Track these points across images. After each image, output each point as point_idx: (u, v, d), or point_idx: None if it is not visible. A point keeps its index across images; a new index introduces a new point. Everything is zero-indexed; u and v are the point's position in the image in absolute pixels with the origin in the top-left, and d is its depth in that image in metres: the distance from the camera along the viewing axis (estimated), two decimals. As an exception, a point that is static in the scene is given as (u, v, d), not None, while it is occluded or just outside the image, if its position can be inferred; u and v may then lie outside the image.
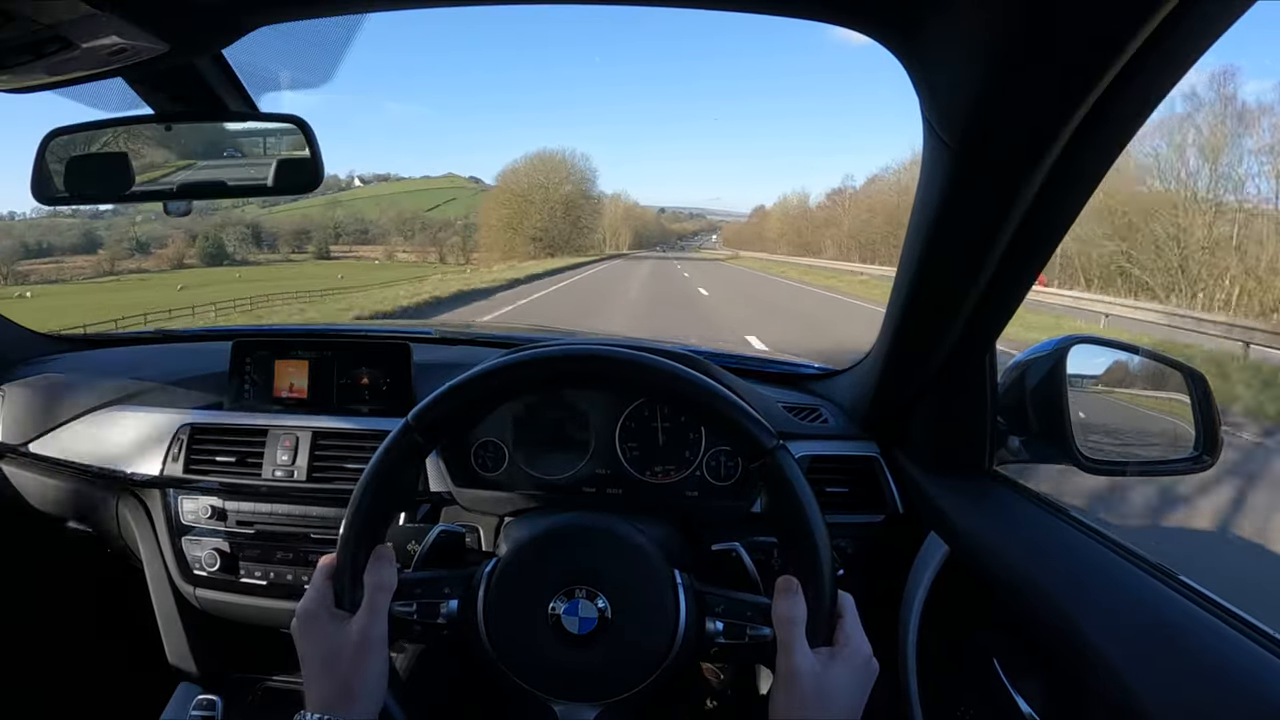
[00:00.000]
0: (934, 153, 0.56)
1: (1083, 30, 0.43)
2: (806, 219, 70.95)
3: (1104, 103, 0.47)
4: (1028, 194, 0.55)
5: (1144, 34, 0.41)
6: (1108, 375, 0.82)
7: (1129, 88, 0.46)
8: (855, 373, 0.97)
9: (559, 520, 0.57)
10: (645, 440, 0.90)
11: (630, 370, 0.55)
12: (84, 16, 0.57)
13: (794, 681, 0.49)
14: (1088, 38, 0.43)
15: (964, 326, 0.70)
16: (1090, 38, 0.43)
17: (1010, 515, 0.75)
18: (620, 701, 0.52)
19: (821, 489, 0.88)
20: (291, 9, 0.60)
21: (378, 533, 0.54)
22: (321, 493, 0.93)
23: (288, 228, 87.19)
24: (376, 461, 0.54)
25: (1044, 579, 0.63)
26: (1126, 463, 0.80)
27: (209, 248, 73.55)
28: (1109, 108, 0.47)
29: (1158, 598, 0.57)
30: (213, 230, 73.22)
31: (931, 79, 0.51)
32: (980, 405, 0.79)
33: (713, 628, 0.53)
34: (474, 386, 0.55)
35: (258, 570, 0.94)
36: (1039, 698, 0.65)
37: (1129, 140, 0.52)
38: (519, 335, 1.24)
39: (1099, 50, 0.43)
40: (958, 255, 0.63)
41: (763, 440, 0.53)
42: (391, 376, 0.98)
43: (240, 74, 0.76)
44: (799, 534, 0.53)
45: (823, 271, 30.08)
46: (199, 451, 0.96)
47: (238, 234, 75.34)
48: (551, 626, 0.52)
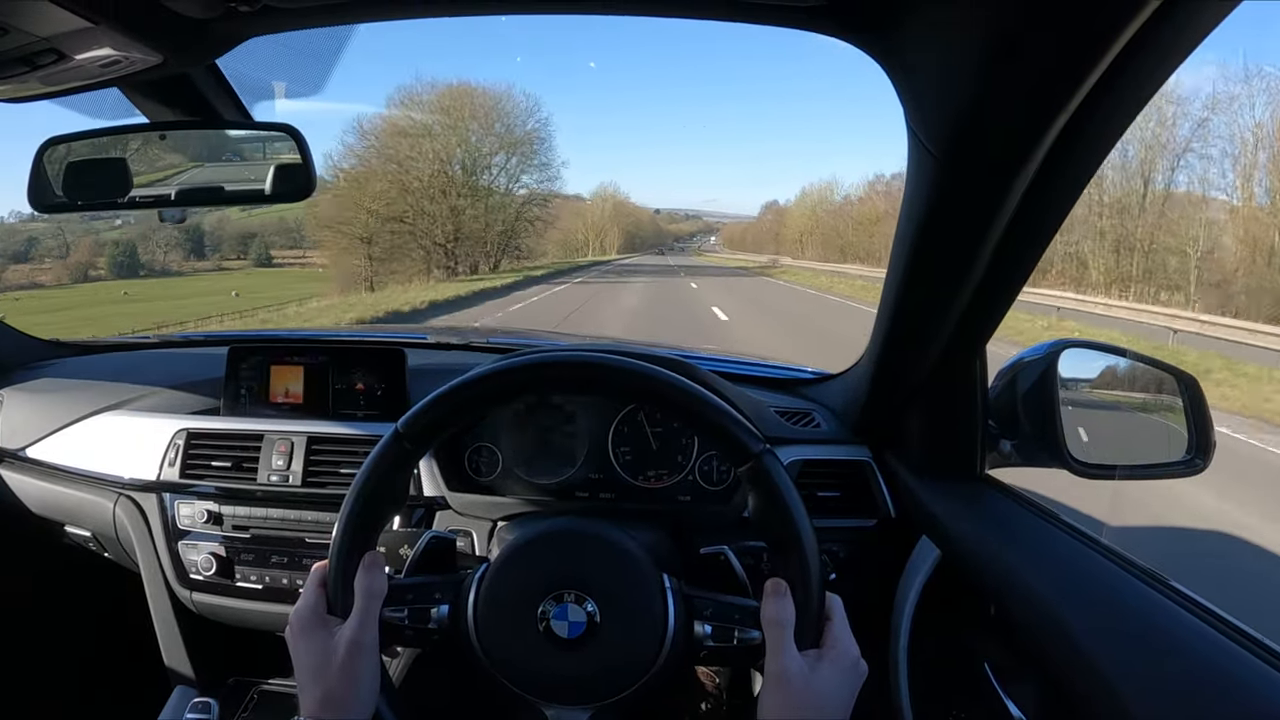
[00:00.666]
0: (919, 160, 0.56)
1: (1063, 37, 0.43)
2: (843, 215, 51.45)
3: (1087, 108, 0.47)
4: (1013, 200, 0.55)
5: (1124, 39, 0.42)
6: (1099, 379, 0.82)
7: (1111, 93, 0.46)
8: (847, 377, 0.97)
9: (547, 526, 0.57)
10: (638, 445, 0.90)
11: (618, 376, 0.55)
12: (79, 29, 0.57)
13: (782, 683, 0.49)
14: (1068, 44, 0.43)
15: (954, 331, 0.71)
16: (1070, 44, 0.43)
17: (1001, 520, 0.75)
18: (611, 705, 0.52)
19: (814, 493, 0.88)
20: (283, 20, 0.60)
21: (369, 539, 0.54)
22: (316, 497, 0.93)
23: (235, 231, 72.93)
24: (367, 469, 0.54)
25: (1035, 583, 0.63)
26: (1118, 466, 0.80)
27: (119, 255, 58.14)
28: (1092, 113, 0.48)
29: (1147, 603, 0.57)
30: (127, 238, 57.79)
31: (914, 87, 0.51)
32: (971, 409, 0.79)
33: (701, 631, 0.53)
34: (463, 393, 0.55)
35: (253, 574, 0.95)
36: (1029, 701, 0.65)
37: (1114, 144, 0.53)
38: (513, 340, 1.25)
39: (1079, 56, 0.43)
40: (945, 261, 0.64)
41: (749, 445, 0.54)
42: (386, 382, 0.99)
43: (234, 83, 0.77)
44: (786, 537, 0.53)
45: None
46: (195, 456, 0.97)
47: (168, 239, 58.96)
48: (541, 631, 0.52)
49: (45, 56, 0.62)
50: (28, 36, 0.58)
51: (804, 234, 57.06)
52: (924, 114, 0.53)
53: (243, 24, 0.62)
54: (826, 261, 38.15)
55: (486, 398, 0.57)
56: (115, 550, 1.04)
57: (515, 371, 0.56)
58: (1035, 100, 0.47)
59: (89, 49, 0.62)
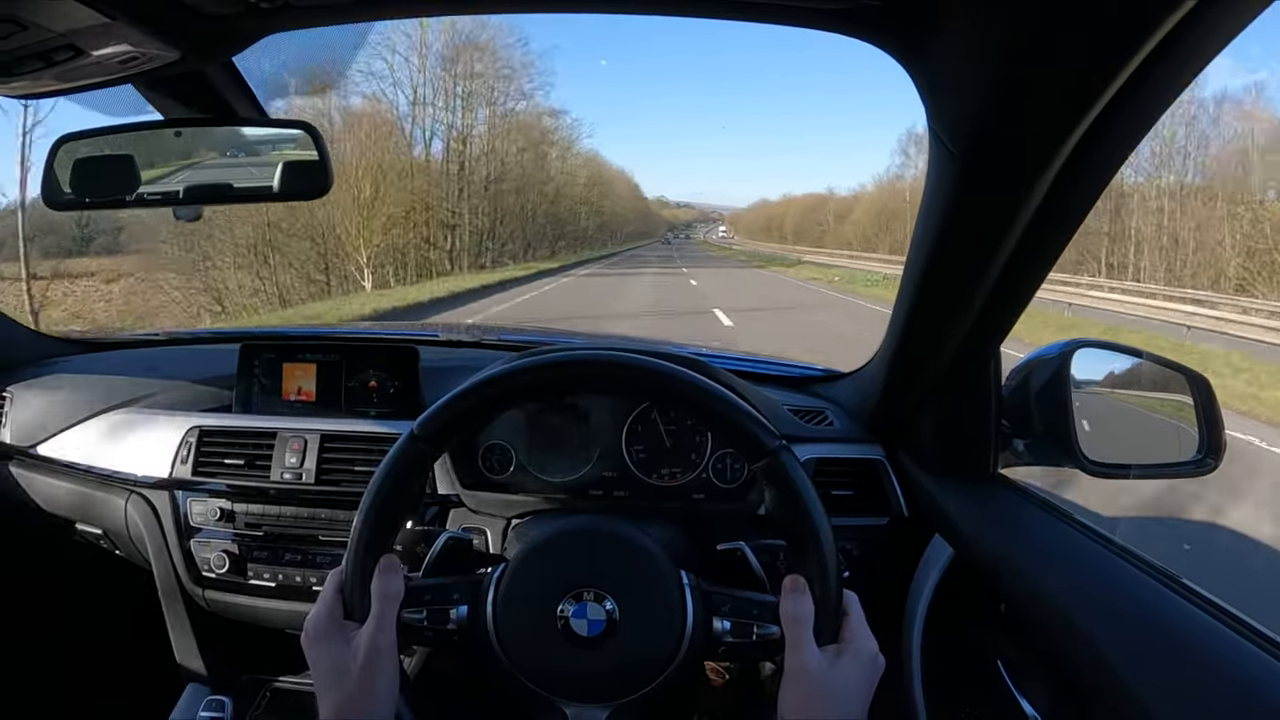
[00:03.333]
0: (940, 160, 0.56)
1: (1087, 40, 0.43)
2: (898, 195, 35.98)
3: (1109, 111, 0.47)
4: (1033, 201, 0.55)
5: (1150, 43, 0.42)
6: (1112, 379, 0.82)
7: (1134, 96, 0.46)
8: (861, 376, 0.97)
9: (564, 524, 0.58)
10: (652, 443, 0.90)
11: (633, 374, 0.56)
12: (96, 25, 0.57)
13: (802, 679, 0.50)
14: (1092, 48, 0.43)
15: (969, 330, 0.71)
16: (1095, 48, 0.43)
17: (1015, 519, 0.75)
18: (631, 702, 0.52)
19: (827, 492, 0.89)
20: (303, 17, 0.60)
21: (385, 542, 0.54)
22: (330, 495, 0.93)
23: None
24: (382, 472, 0.54)
25: (1048, 583, 0.63)
26: (1130, 465, 0.80)
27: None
28: (1113, 116, 0.48)
29: (1161, 602, 0.58)
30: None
31: (936, 88, 0.51)
32: (985, 408, 0.79)
33: (720, 627, 0.54)
34: (480, 393, 0.55)
35: (266, 572, 0.95)
36: (1043, 701, 0.66)
37: (1134, 147, 0.53)
38: (527, 338, 1.25)
39: (1103, 60, 0.43)
40: (964, 260, 0.64)
41: (765, 441, 0.54)
42: (399, 379, 0.99)
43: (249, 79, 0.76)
44: (804, 534, 0.53)
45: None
46: (207, 454, 0.97)
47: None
48: (560, 630, 0.52)
49: (62, 53, 0.62)
50: (45, 32, 0.58)
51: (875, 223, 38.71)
52: (946, 114, 0.53)
53: (262, 20, 0.61)
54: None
55: (502, 397, 0.57)
56: (127, 548, 1.04)
57: (533, 371, 0.56)
58: (1059, 103, 0.47)
59: (106, 45, 0.61)
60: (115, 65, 0.66)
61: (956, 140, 0.53)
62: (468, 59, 22.18)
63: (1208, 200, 18.89)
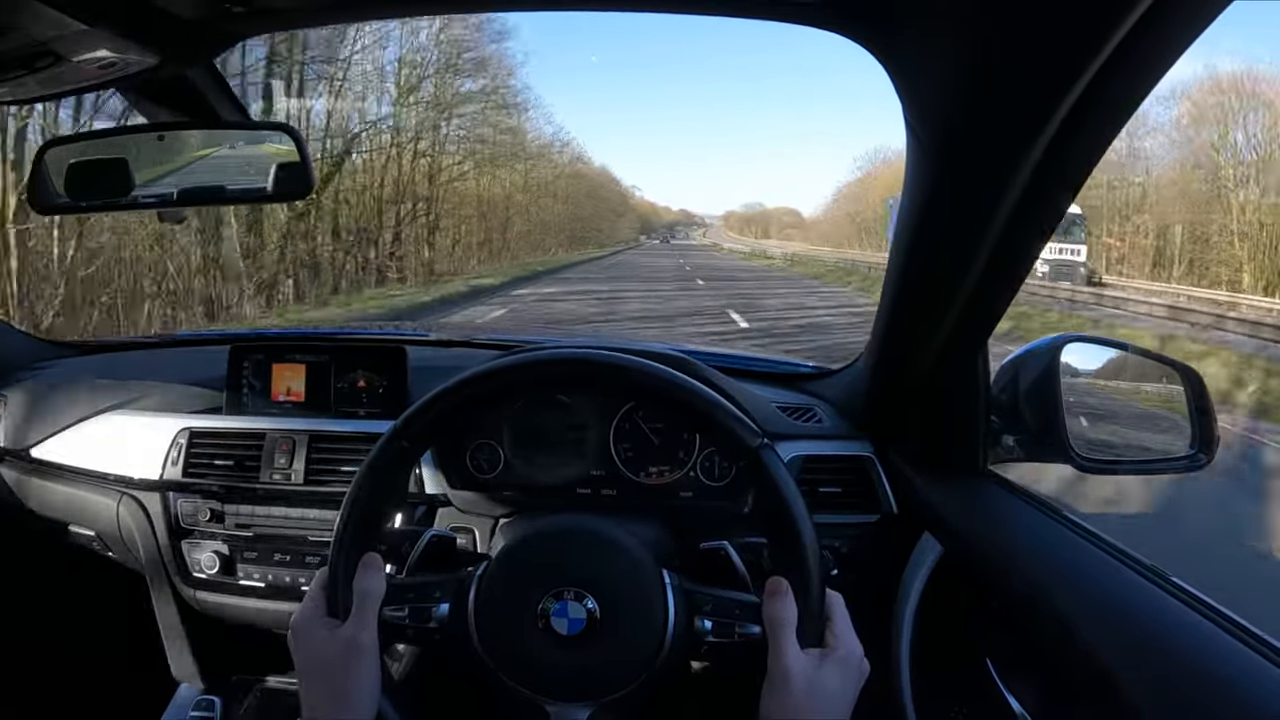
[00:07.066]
0: (917, 154, 0.56)
1: (1060, 31, 0.42)
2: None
3: (1085, 102, 0.47)
4: (1012, 194, 0.55)
5: (1122, 32, 0.41)
6: (1102, 373, 0.82)
7: (1110, 87, 0.46)
8: (849, 372, 0.97)
9: (546, 523, 0.58)
10: (639, 442, 0.90)
11: (615, 372, 0.56)
12: (74, 32, 0.57)
13: (784, 682, 0.49)
14: (1065, 38, 0.43)
15: (955, 325, 0.70)
16: (1068, 38, 0.43)
17: (1004, 515, 0.75)
18: (613, 701, 0.52)
19: (815, 489, 0.88)
20: (278, 21, 0.60)
21: (368, 540, 0.55)
22: (319, 496, 0.94)
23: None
24: (364, 470, 0.55)
25: (1038, 580, 0.63)
26: (1121, 461, 0.80)
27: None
28: (1090, 107, 0.47)
29: (1150, 600, 0.57)
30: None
31: (911, 81, 0.51)
32: (974, 404, 0.79)
33: (701, 626, 0.53)
34: (460, 392, 0.56)
35: (256, 573, 0.95)
36: (1032, 698, 0.65)
37: (1114, 137, 0.52)
38: (514, 338, 1.25)
39: (1077, 50, 0.43)
40: (946, 255, 0.63)
41: (746, 439, 0.54)
42: (388, 380, 0.99)
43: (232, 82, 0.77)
44: (785, 532, 0.53)
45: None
46: (198, 455, 0.97)
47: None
48: (541, 628, 0.52)
49: (43, 59, 0.62)
50: (25, 39, 0.58)
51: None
52: (922, 109, 0.53)
53: (237, 24, 0.61)
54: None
55: (484, 396, 0.57)
56: (119, 549, 1.05)
57: (510, 370, 0.56)
58: (1033, 96, 0.47)
59: (85, 51, 0.62)
60: (97, 70, 0.66)
61: (932, 134, 0.53)
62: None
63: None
